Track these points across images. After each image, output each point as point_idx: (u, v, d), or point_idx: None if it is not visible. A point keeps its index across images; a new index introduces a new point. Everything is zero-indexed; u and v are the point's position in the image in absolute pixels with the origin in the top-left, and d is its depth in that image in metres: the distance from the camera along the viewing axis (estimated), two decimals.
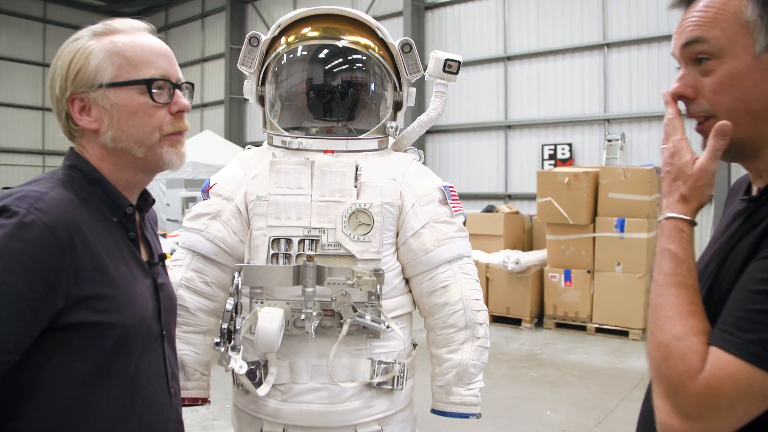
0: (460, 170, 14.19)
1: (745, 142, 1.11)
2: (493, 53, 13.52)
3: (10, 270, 1.13)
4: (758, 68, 1.06)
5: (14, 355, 1.15)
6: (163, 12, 21.84)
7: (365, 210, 1.81)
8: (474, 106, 13.87)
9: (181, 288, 1.91)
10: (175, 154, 1.39)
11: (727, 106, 1.09)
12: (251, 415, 1.90)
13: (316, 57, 1.96)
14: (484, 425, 4.95)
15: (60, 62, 1.34)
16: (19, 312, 1.13)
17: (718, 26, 1.08)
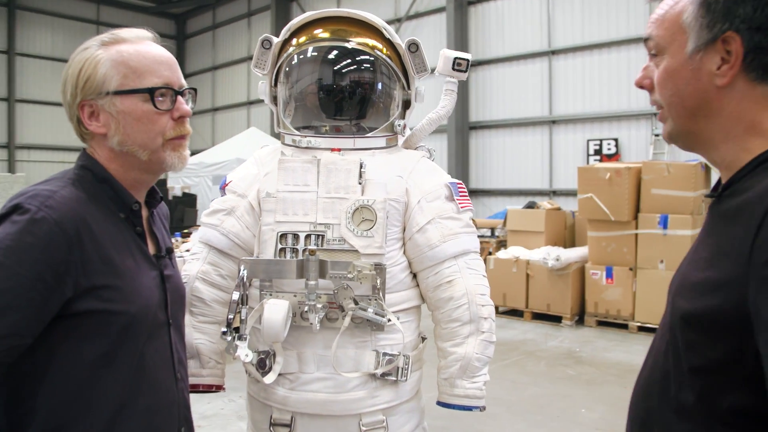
0: (503, 166, 14.13)
1: (689, 134, 1.18)
2: (537, 48, 13.40)
3: (21, 262, 1.23)
4: (690, 67, 1.12)
5: (27, 339, 1.25)
6: (210, 11, 22.32)
7: (368, 206, 1.87)
8: (518, 102, 13.79)
9: (198, 280, 2.01)
10: (177, 157, 1.49)
11: (666, 99, 1.17)
12: (262, 403, 1.98)
13: (324, 58, 2.02)
14: (516, 421, 4.96)
15: (71, 70, 1.44)
16: (30, 300, 1.24)
17: (663, 25, 1.16)
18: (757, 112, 1.10)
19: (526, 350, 6.98)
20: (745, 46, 1.07)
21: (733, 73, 1.08)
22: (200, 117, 22.99)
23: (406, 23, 15.66)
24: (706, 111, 1.13)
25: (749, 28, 1.06)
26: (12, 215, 1.28)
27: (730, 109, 1.11)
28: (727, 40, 1.07)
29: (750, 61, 1.07)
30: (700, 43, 1.10)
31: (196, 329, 1.99)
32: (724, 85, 1.09)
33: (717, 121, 1.13)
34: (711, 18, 1.09)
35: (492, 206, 14.07)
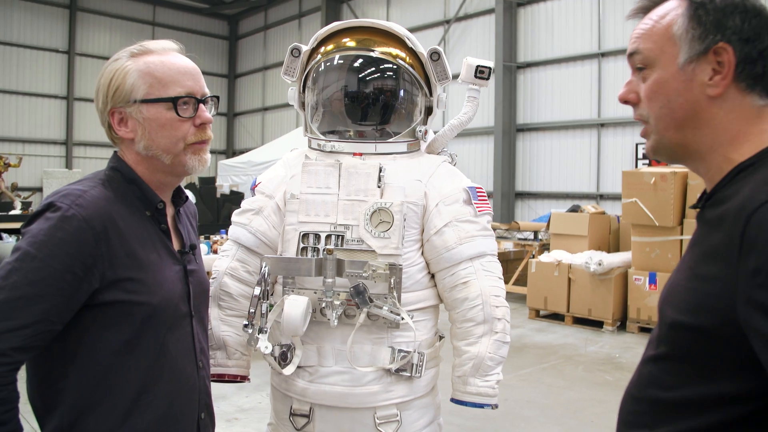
0: (550, 169, 14.00)
1: (676, 147, 1.21)
2: (587, 49, 13.24)
3: (53, 255, 1.37)
4: (682, 78, 1.15)
5: (58, 325, 1.39)
6: (262, 13, 22.70)
7: (386, 209, 1.95)
8: (566, 104, 13.64)
9: (226, 276, 2.13)
10: (197, 161, 1.61)
11: (655, 112, 1.20)
12: (283, 393, 2.08)
13: (349, 66, 2.11)
14: (550, 425, 4.97)
15: (102, 80, 1.57)
16: (60, 290, 1.37)
17: (651, 38, 1.19)
18: (743, 124, 1.14)
19: (564, 354, 6.95)
20: (737, 57, 1.11)
21: (726, 83, 1.12)
22: (250, 116, 23.42)
23: (455, 25, 15.66)
24: (695, 122, 1.16)
25: (740, 39, 1.11)
26: (46, 212, 1.42)
27: (718, 120, 1.14)
28: (718, 51, 1.11)
29: (740, 71, 1.11)
30: (692, 55, 1.14)
31: (224, 322, 2.11)
32: (717, 96, 1.13)
33: (705, 132, 1.16)
34: (702, 30, 1.13)
35: (538, 209, 13.96)
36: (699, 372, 1.09)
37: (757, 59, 1.11)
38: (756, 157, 1.10)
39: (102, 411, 1.46)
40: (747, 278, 0.97)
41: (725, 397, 1.04)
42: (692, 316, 1.10)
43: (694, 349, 1.09)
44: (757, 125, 1.14)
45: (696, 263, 1.12)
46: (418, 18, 16.60)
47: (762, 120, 1.14)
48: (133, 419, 1.49)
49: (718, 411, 1.05)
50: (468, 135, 15.43)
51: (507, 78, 14.19)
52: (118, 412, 1.47)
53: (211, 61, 23.73)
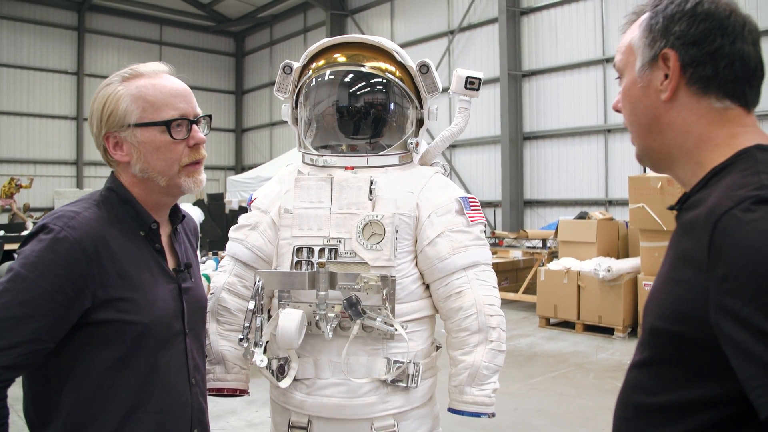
0: (558, 176, 13.98)
1: (651, 152, 1.25)
2: (591, 56, 13.26)
3: (44, 276, 1.41)
4: (640, 85, 1.21)
5: (49, 344, 1.42)
6: (267, 29, 22.91)
7: (377, 221, 1.97)
8: (572, 111, 13.64)
9: (224, 291, 2.16)
10: (192, 182, 1.64)
11: (626, 118, 1.27)
12: (282, 406, 2.09)
13: (340, 81, 2.14)
14: None
15: (96, 105, 1.60)
16: (51, 310, 1.40)
17: (621, 50, 1.27)
18: (705, 126, 1.16)
19: (575, 362, 6.91)
20: (681, 60, 1.15)
21: (673, 86, 1.16)
22: (258, 132, 23.56)
23: (459, 35, 15.72)
24: (658, 127, 1.20)
25: (684, 44, 1.15)
26: (39, 234, 1.46)
27: (678, 123, 1.18)
28: (665, 56, 1.16)
29: (690, 74, 1.15)
30: (645, 62, 1.20)
31: (222, 336, 2.14)
32: (668, 99, 1.17)
33: (669, 136, 1.19)
34: (652, 38, 1.18)
35: (547, 217, 13.93)
36: (678, 377, 1.09)
37: (707, 61, 1.14)
38: (727, 162, 1.12)
39: (95, 426, 1.49)
40: (716, 285, 0.99)
41: (704, 402, 1.05)
42: (668, 321, 1.10)
43: (673, 354, 1.10)
44: (723, 128, 1.15)
45: (671, 268, 1.14)
46: (422, 29, 16.68)
47: (728, 123, 1.16)
48: None
49: (698, 416, 1.05)
50: (475, 145, 15.45)
51: (512, 87, 14.21)
52: (110, 428, 1.50)
53: (218, 78, 23.94)
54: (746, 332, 0.93)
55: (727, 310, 0.96)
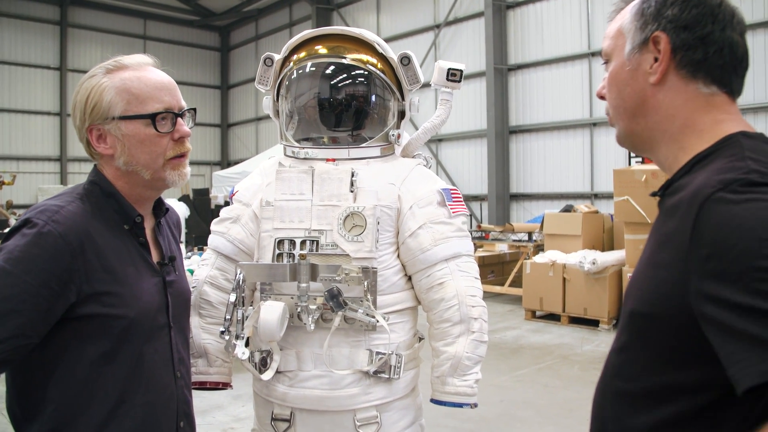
0: (544, 170, 14.04)
1: (633, 135, 1.26)
2: (577, 50, 13.31)
3: (28, 271, 1.38)
4: (628, 68, 1.21)
5: (34, 339, 1.40)
6: (252, 23, 22.80)
7: (359, 213, 1.97)
8: (558, 105, 13.70)
9: (206, 284, 2.15)
10: (177, 175, 1.62)
11: (611, 102, 1.27)
12: (264, 399, 2.09)
13: (320, 73, 2.14)
14: (546, 425, 4.97)
15: (79, 97, 1.58)
16: (36, 305, 1.38)
17: (610, 36, 1.27)
18: (691, 111, 1.16)
19: (560, 354, 6.96)
20: (672, 44, 1.15)
21: (663, 69, 1.16)
22: (244, 127, 23.47)
23: (445, 29, 15.72)
24: (644, 110, 1.21)
25: (675, 27, 1.15)
26: (22, 229, 1.43)
27: (665, 107, 1.18)
28: (656, 39, 1.17)
29: (680, 58, 1.16)
30: (635, 45, 1.20)
31: (204, 330, 2.13)
32: (657, 82, 1.18)
33: (654, 119, 1.20)
34: (643, 21, 1.19)
35: (533, 210, 13.99)
36: (657, 361, 1.09)
37: (698, 46, 1.14)
38: (713, 148, 1.12)
39: (80, 421, 1.47)
40: (699, 265, 0.98)
41: (683, 387, 1.05)
42: (648, 304, 1.11)
43: (651, 339, 1.10)
44: (708, 114, 1.16)
45: (652, 252, 1.13)
46: (408, 23, 16.66)
47: (714, 109, 1.16)
48: (111, 429, 1.50)
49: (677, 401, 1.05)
50: (461, 138, 15.47)
51: (498, 80, 14.24)
52: (96, 422, 1.49)
53: (203, 72, 23.80)
54: (730, 311, 0.93)
55: (709, 292, 0.97)
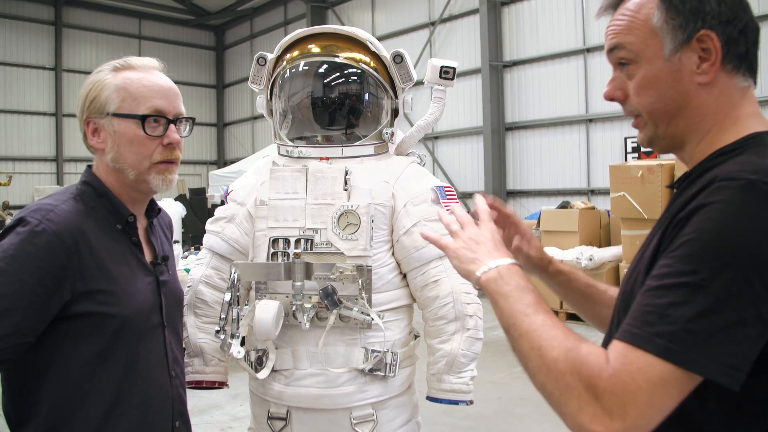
0: (541, 166, 14.03)
1: (668, 137, 1.19)
2: (572, 46, 13.27)
3: (24, 269, 1.39)
4: (670, 70, 1.13)
5: (30, 337, 1.40)
6: (247, 22, 22.76)
7: (353, 211, 1.98)
8: (553, 101, 13.67)
9: (201, 284, 2.15)
10: (161, 180, 1.63)
11: (647, 107, 1.17)
12: (261, 398, 2.10)
13: (314, 72, 2.14)
14: (544, 421, 4.98)
15: (83, 90, 1.61)
16: (32, 303, 1.39)
17: (632, 33, 1.15)
18: (729, 107, 1.13)
19: None
20: (722, 41, 1.10)
21: (716, 69, 1.11)
22: (240, 126, 23.43)
23: (440, 26, 15.70)
24: (686, 111, 1.14)
25: (720, 23, 1.09)
26: (16, 227, 1.44)
27: (708, 105, 1.13)
28: (702, 38, 1.10)
29: (726, 53, 1.11)
30: (677, 45, 1.11)
31: (200, 329, 2.14)
32: (707, 82, 1.12)
33: (696, 120, 1.15)
34: (682, 19, 1.11)
35: (530, 207, 13.98)
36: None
37: (740, 39, 1.11)
38: (736, 144, 1.10)
39: (76, 422, 1.48)
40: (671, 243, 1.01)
41: None
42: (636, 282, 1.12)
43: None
44: (741, 108, 1.14)
45: (652, 236, 1.14)
46: (403, 21, 16.65)
47: (745, 102, 1.14)
48: (107, 429, 1.50)
49: None
50: (457, 136, 15.47)
51: (494, 77, 14.23)
52: (92, 422, 1.49)
53: (198, 72, 23.76)
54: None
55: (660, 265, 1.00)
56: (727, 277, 0.93)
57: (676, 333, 0.93)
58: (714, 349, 0.92)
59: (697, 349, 0.92)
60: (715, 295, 0.93)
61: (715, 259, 0.94)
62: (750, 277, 0.93)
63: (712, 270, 0.93)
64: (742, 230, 0.94)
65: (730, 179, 0.99)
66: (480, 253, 1.23)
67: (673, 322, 0.93)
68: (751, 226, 0.94)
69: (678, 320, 0.93)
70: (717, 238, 0.95)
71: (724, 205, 0.97)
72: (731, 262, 0.93)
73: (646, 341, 0.95)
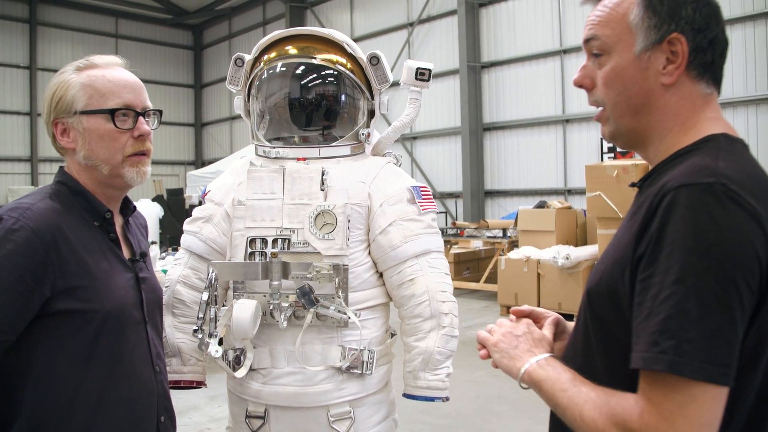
0: (518, 166, 14.15)
1: (630, 133, 1.24)
2: (549, 47, 13.41)
3: (3, 266, 1.40)
4: (638, 67, 1.18)
5: (11, 335, 1.41)
6: (226, 21, 22.65)
7: (329, 211, 2.00)
8: (531, 102, 13.80)
9: (179, 284, 2.17)
10: (136, 173, 1.64)
11: (612, 99, 1.22)
12: (239, 396, 2.11)
13: (291, 73, 2.16)
14: (521, 419, 5.04)
15: (48, 92, 1.62)
16: (12, 300, 1.39)
17: (609, 25, 1.20)
18: (692, 111, 1.18)
19: None
20: (690, 46, 1.14)
21: (680, 72, 1.16)
22: (218, 126, 23.31)
23: (418, 27, 15.76)
24: (648, 109, 1.19)
25: (692, 30, 1.14)
26: None
27: (670, 107, 1.18)
28: (673, 41, 1.15)
29: (692, 60, 1.15)
30: (648, 44, 1.16)
31: (178, 329, 2.15)
32: (671, 84, 1.16)
33: (657, 118, 1.19)
34: (658, 19, 1.16)
35: (508, 207, 14.09)
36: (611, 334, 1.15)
37: (707, 48, 1.16)
38: (694, 145, 1.15)
39: (61, 420, 1.48)
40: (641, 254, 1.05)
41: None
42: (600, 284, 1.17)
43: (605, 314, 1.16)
44: (704, 112, 1.18)
45: (616, 239, 1.18)
46: (381, 22, 16.68)
47: (708, 107, 1.19)
48: (93, 426, 1.51)
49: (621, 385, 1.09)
50: (436, 136, 15.54)
51: (472, 78, 14.32)
52: (78, 420, 1.49)
53: (176, 71, 23.59)
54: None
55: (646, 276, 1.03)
56: (711, 280, 0.97)
57: (678, 346, 0.96)
58: (712, 353, 0.96)
59: (699, 356, 0.96)
60: (704, 299, 0.97)
61: (696, 265, 0.98)
62: (731, 275, 0.97)
63: (695, 276, 0.97)
64: (713, 233, 0.98)
65: (688, 185, 1.03)
66: (520, 349, 1.31)
67: (672, 336, 0.97)
68: (722, 227, 0.98)
69: (676, 333, 0.97)
70: (693, 245, 0.99)
71: (691, 212, 1.01)
72: (711, 265, 0.97)
73: (655, 361, 0.98)
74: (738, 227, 0.99)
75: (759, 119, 10.47)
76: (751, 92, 10.32)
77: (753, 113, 10.52)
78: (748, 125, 10.40)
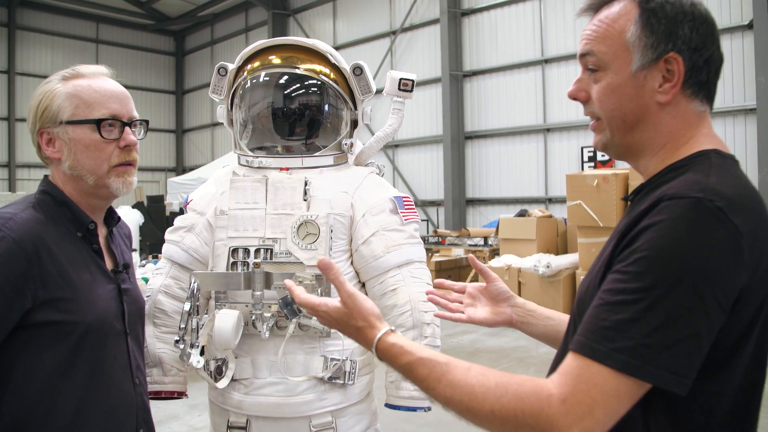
0: (500, 175, 14.22)
1: (623, 147, 1.25)
2: (531, 57, 13.51)
3: None
4: (634, 84, 1.18)
5: None
6: (208, 28, 22.56)
7: (312, 221, 2.00)
8: (512, 111, 13.89)
9: (161, 293, 2.15)
10: (121, 183, 1.63)
11: (607, 113, 1.22)
12: (220, 407, 2.10)
13: (274, 83, 2.17)
14: None
15: (33, 102, 1.60)
16: None
17: (605, 42, 1.20)
18: (685, 128, 1.19)
19: (516, 357, 7.06)
20: (686, 66, 1.15)
21: (675, 91, 1.16)
22: (199, 132, 23.19)
23: (401, 36, 15.82)
24: (643, 125, 1.20)
25: (689, 49, 1.15)
26: None
27: (665, 124, 1.19)
28: (669, 60, 1.15)
29: (688, 79, 1.16)
30: (645, 62, 1.16)
31: (159, 339, 2.13)
32: (666, 102, 1.17)
33: (651, 135, 1.20)
34: (655, 39, 1.15)
35: (489, 215, 14.16)
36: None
37: (703, 67, 1.17)
38: (686, 160, 1.16)
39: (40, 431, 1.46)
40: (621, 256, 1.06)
41: None
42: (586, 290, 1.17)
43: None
44: (697, 129, 1.19)
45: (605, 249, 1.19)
46: (364, 30, 16.73)
47: (701, 124, 1.20)
48: None
49: None
50: (417, 144, 15.59)
51: (454, 87, 14.40)
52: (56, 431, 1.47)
53: (158, 77, 23.44)
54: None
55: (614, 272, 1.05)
56: (680, 293, 0.98)
57: (634, 348, 0.98)
58: (670, 361, 0.98)
59: (654, 362, 0.98)
60: (669, 310, 0.98)
61: (668, 275, 0.99)
62: (701, 291, 0.99)
63: (665, 286, 0.99)
64: (691, 247, 1.00)
65: (678, 197, 1.04)
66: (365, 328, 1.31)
67: (631, 337, 0.99)
68: (700, 243, 1.00)
69: (635, 336, 0.98)
70: (669, 255, 1.00)
71: (674, 223, 1.02)
72: (683, 278, 0.99)
73: (606, 356, 1.00)
74: (715, 245, 1.00)
75: (736, 130, 10.63)
76: (728, 103, 10.47)
77: (731, 124, 10.68)
78: (726, 135, 10.55)
